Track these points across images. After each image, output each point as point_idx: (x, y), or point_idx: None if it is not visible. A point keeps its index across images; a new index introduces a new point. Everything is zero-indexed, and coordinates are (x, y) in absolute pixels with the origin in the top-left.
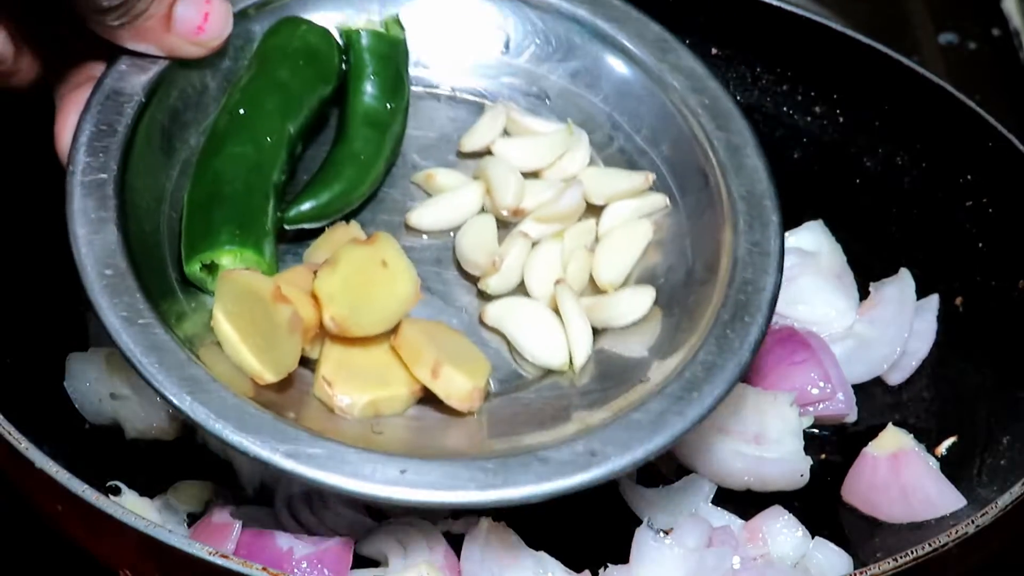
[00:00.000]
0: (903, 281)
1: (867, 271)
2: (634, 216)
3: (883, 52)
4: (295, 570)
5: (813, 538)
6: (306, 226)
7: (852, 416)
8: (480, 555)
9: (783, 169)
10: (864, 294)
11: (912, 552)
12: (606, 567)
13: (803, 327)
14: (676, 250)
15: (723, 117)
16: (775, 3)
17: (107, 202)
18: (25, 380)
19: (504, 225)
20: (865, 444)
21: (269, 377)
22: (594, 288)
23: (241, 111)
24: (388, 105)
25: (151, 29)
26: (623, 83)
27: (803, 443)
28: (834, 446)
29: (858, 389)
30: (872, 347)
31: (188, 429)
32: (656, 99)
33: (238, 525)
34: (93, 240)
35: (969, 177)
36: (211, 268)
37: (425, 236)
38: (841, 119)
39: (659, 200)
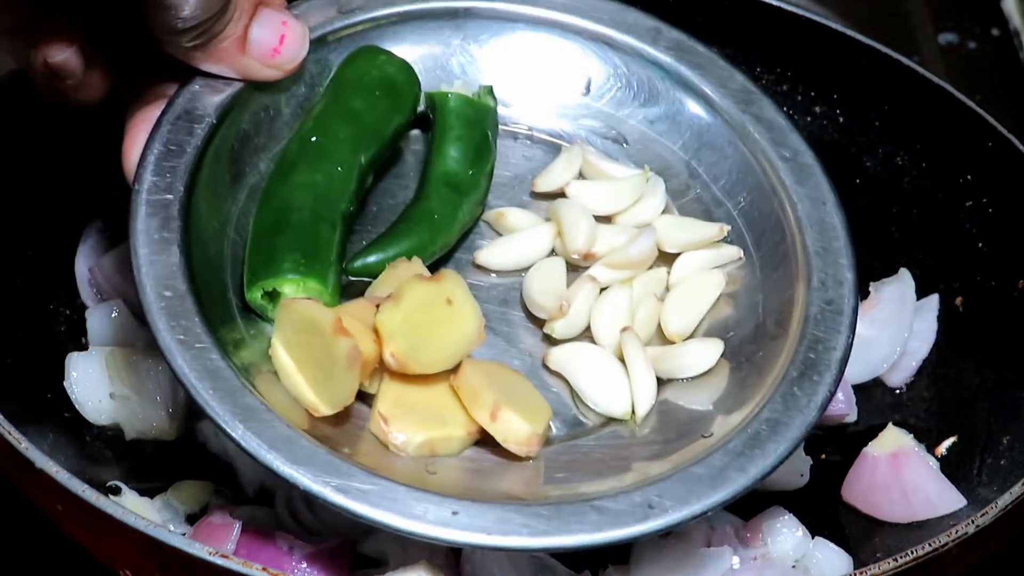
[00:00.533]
0: (903, 281)
1: (867, 271)
2: (706, 267)
3: (883, 52)
4: (295, 570)
5: (813, 538)
6: (368, 279)
7: (852, 416)
8: (480, 555)
9: None
10: (864, 294)
11: (912, 552)
12: (606, 567)
13: None
14: (747, 304)
15: (803, 172)
16: (775, 3)
17: (171, 223)
18: (25, 380)
19: (574, 268)
20: (865, 444)
21: (324, 410)
22: (661, 338)
23: (313, 139)
24: (471, 171)
25: (226, 51)
26: (703, 131)
27: (803, 443)
28: (834, 446)
29: (858, 389)
30: (872, 347)
31: (188, 429)
32: (736, 149)
33: (238, 525)
34: (155, 260)
35: (969, 177)
36: (272, 296)
37: (493, 275)
38: (841, 119)
39: (733, 252)
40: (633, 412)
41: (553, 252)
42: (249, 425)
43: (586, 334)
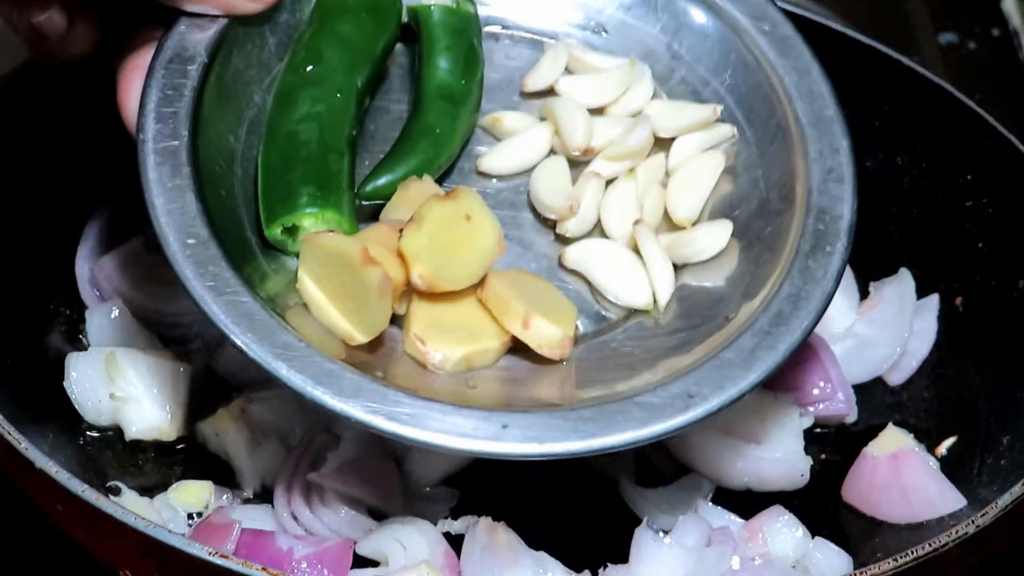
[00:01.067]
0: (903, 281)
1: (867, 271)
2: (703, 148)
3: (883, 52)
4: (295, 570)
5: (813, 538)
6: (381, 201)
7: (852, 416)
8: (480, 555)
9: None
10: (864, 294)
11: (912, 552)
12: (606, 567)
13: None
14: (748, 180)
15: (785, 43)
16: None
17: (181, 169)
18: (25, 380)
19: (575, 164)
20: (865, 444)
21: (360, 338)
22: (669, 224)
23: (308, 68)
24: (463, 80)
25: None
26: (680, 13)
27: (803, 443)
28: (834, 446)
29: (858, 389)
30: (872, 347)
31: (188, 429)
32: (715, 27)
33: (238, 525)
34: (172, 210)
35: (969, 177)
36: (291, 231)
37: (496, 180)
38: None
39: (727, 130)
40: (655, 301)
41: (552, 151)
42: (292, 364)
43: (597, 229)
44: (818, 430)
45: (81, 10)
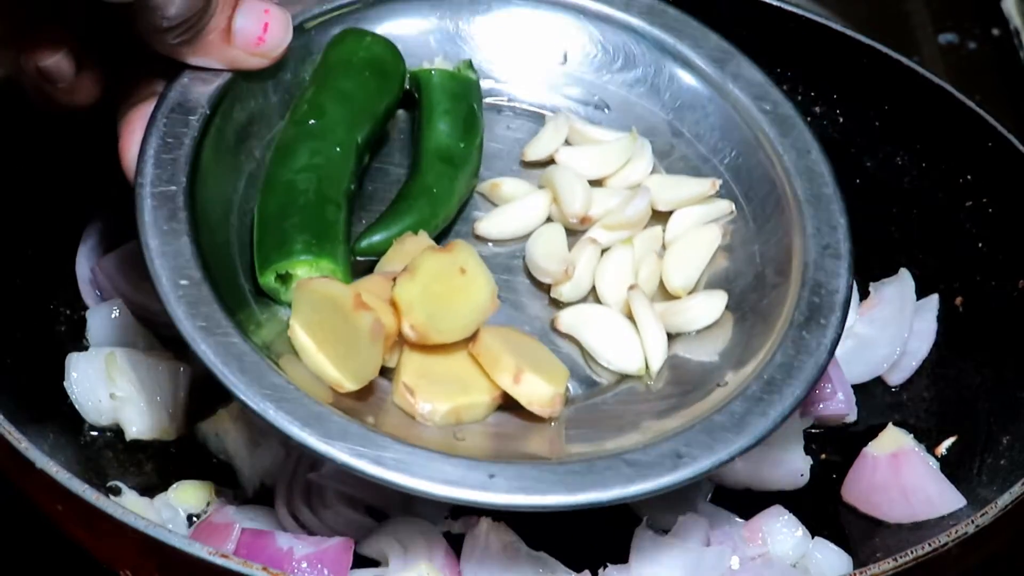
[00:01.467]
0: (903, 281)
1: (867, 271)
2: (701, 222)
3: (883, 52)
4: (295, 570)
5: (813, 538)
6: (374, 258)
7: (852, 416)
8: (480, 555)
9: None
10: (864, 294)
11: (912, 552)
12: (606, 567)
13: None
14: (744, 255)
15: (786, 124)
16: (775, 3)
17: (177, 213)
18: (25, 380)
19: (572, 233)
20: (865, 444)
21: (349, 385)
22: (664, 294)
23: (310, 122)
24: (462, 143)
25: (212, 43)
26: (683, 91)
27: (803, 443)
28: (834, 446)
29: (858, 389)
30: (872, 347)
31: (188, 429)
32: (717, 106)
33: (238, 525)
34: (166, 251)
35: (969, 177)
36: (285, 278)
37: (493, 245)
38: (841, 119)
39: (725, 206)
40: (647, 367)
41: (550, 219)
42: (280, 405)
43: (591, 295)
44: (818, 430)
45: (89, 58)
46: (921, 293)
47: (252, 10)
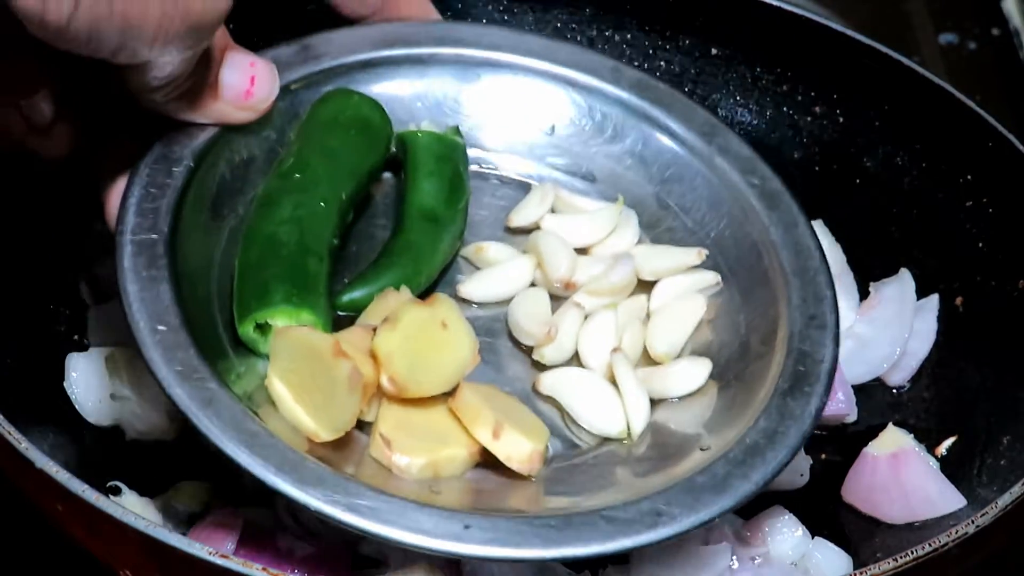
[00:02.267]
0: (903, 281)
1: (867, 271)
2: (686, 292)
3: (883, 52)
4: (295, 570)
5: (813, 538)
6: (356, 312)
7: (852, 416)
8: None
9: (783, 169)
10: (864, 294)
11: (912, 552)
12: (606, 567)
13: None
14: (729, 326)
15: (773, 197)
16: (775, 3)
17: (157, 261)
18: (25, 380)
19: (556, 299)
20: (865, 444)
21: (325, 435)
22: (648, 360)
23: (295, 175)
24: (446, 204)
25: (201, 99)
26: (671, 164)
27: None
28: (834, 446)
29: (858, 389)
30: (872, 347)
31: (188, 430)
32: (705, 180)
33: (238, 525)
34: (145, 297)
35: (969, 177)
36: (264, 329)
37: (476, 307)
38: (841, 119)
39: (711, 277)
40: (629, 430)
41: (534, 284)
42: (255, 451)
43: (574, 360)
44: (818, 430)
45: (67, 107)
46: (921, 293)
47: (239, 64)
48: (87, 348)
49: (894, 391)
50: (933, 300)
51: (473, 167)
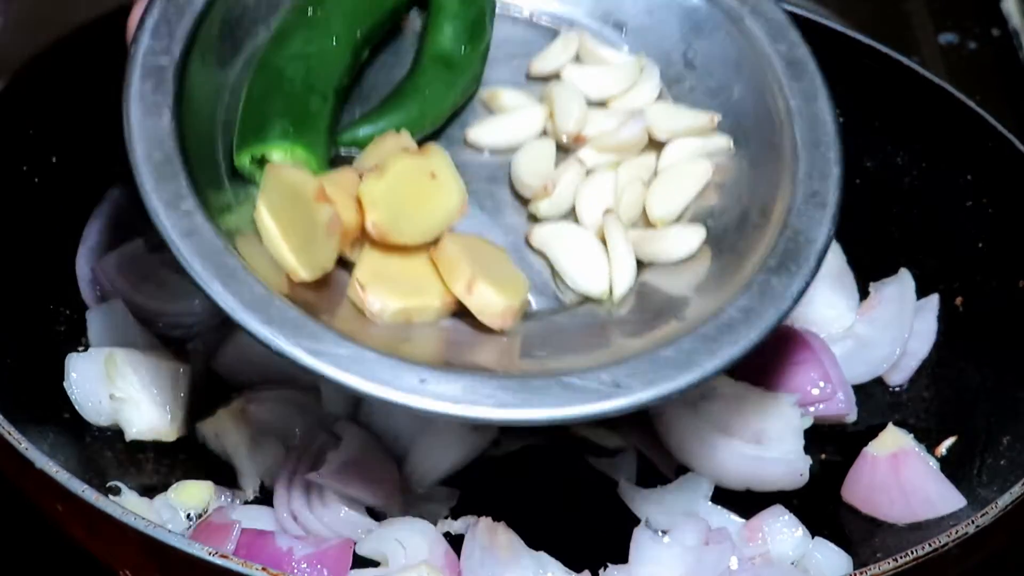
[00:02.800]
0: (903, 281)
1: (867, 271)
2: (695, 156)
3: (883, 52)
4: (295, 570)
5: (813, 538)
6: (357, 149)
7: (852, 416)
8: (480, 555)
9: None
10: (864, 294)
11: (912, 552)
12: (606, 567)
13: (803, 327)
14: (733, 194)
15: (798, 66)
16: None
17: (164, 86)
18: (25, 380)
19: (563, 150)
20: (865, 444)
21: (304, 275)
22: (646, 223)
23: (310, 10)
24: (464, 48)
25: None
26: (702, 22)
27: (803, 443)
28: (834, 446)
29: (858, 389)
30: (872, 347)
31: (188, 429)
32: (734, 42)
33: (238, 525)
34: (145, 123)
35: (969, 177)
36: (261, 162)
37: (484, 153)
38: (841, 119)
39: (723, 142)
40: (611, 292)
41: (544, 134)
42: (228, 285)
43: (571, 216)
44: (818, 430)
45: None
46: (921, 293)
47: None
48: (87, 348)
49: (894, 391)
50: (933, 300)
51: (500, 11)
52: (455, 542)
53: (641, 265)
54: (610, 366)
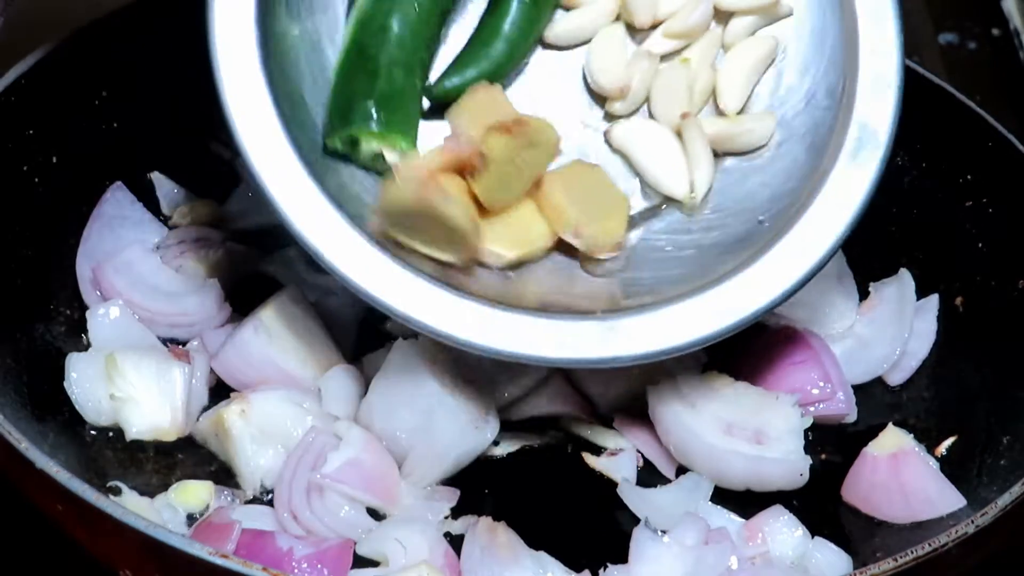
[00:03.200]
0: (903, 281)
1: (867, 271)
2: (760, 28)
3: None
4: (295, 570)
5: (813, 538)
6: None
7: (852, 416)
8: (480, 555)
9: None
10: (864, 294)
11: (912, 552)
12: (606, 567)
13: (803, 327)
14: (798, 73)
15: None
16: None
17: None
18: (25, 380)
19: (635, 33)
20: (865, 444)
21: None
22: (716, 109)
23: None
24: None
25: None
26: None
27: (803, 443)
28: (834, 446)
29: (858, 389)
30: (872, 347)
31: (188, 429)
32: None
33: (238, 525)
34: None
35: (969, 177)
36: (354, 143)
37: (559, 51)
38: None
39: (785, 9)
40: (693, 192)
41: (617, 19)
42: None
43: (645, 110)
44: (818, 430)
45: None
46: (921, 293)
47: None
48: (87, 348)
49: (894, 391)
50: (933, 300)
51: None
52: (455, 542)
53: (716, 155)
54: (659, 304)
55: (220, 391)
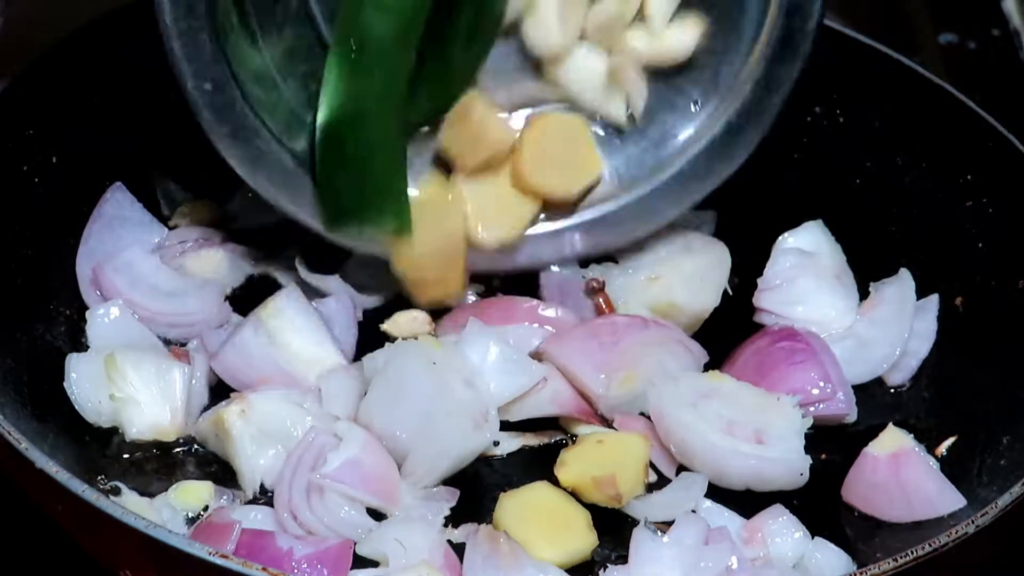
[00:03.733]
0: (903, 281)
1: (867, 271)
2: None
3: (883, 52)
4: (295, 570)
5: (813, 538)
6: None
7: (852, 416)
8: (483, 563)
9: (783, 169)
10: (864, 294)
11: (912, 552)
12: (606, 567)
13: (803, 327)
14: None
15: None
16: None
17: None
18: (25, 380)
19: None
20: (865, 444)
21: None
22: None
23: (351, 53)
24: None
25: None
26: None
27: (803, 443)
28: (834, 446)
29: (858, 389)
30: (872, 347)
31: (188, 429)
32: None
33: (238, 525)
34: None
35: (969, 177)
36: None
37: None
38: (841, 119)
39: None
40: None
41: None
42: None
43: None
44: (818, 430)
45: None
46: (921, 293)
47: None
48: (87, 348)
49: (894, 391)
50: (933, 300)
51: None
52: (456, 549)
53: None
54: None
55: (220, 391)
